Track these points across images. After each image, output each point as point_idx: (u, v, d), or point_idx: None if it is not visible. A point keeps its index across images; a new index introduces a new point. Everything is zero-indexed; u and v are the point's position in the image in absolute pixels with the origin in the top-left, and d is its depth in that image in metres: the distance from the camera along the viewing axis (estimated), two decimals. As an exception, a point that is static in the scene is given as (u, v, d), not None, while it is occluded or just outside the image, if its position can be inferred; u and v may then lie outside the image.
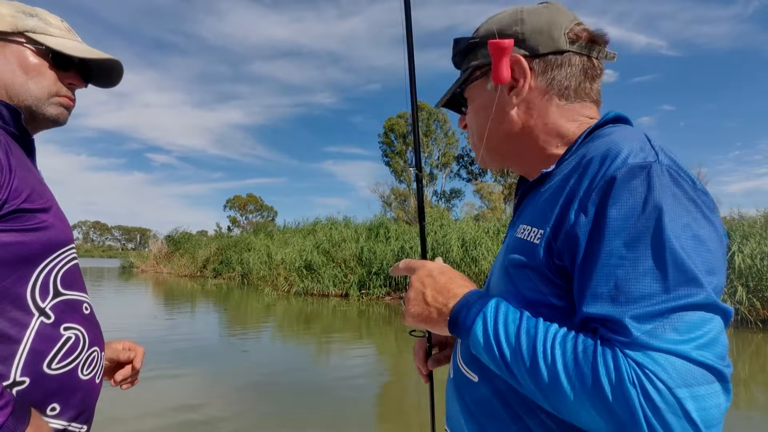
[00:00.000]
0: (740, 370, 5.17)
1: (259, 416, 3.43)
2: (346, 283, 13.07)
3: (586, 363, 0.51)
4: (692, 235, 0.53)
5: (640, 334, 0.49)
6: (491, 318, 0.60)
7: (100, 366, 0.87)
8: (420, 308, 0.69)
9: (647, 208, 0.53)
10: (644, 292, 0.51)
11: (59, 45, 0.87)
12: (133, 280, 20.09)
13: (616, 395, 0.48)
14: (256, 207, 54.96)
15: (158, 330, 7.36)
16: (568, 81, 0.73)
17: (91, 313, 0.87)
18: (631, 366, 0.48)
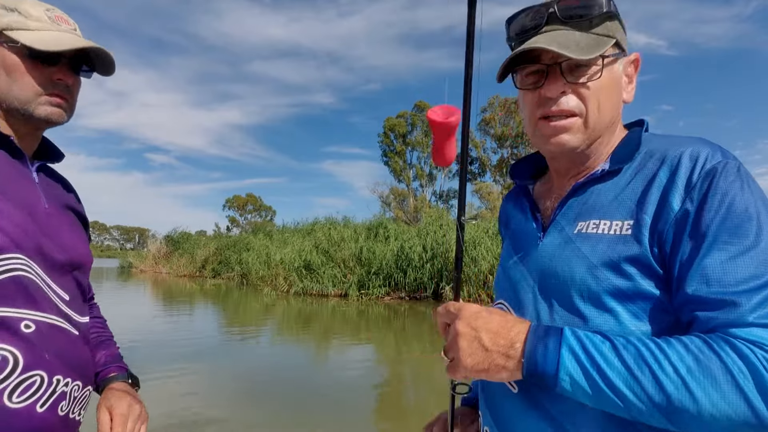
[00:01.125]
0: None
1: (257, 416, 3.42)
2: (346, 283, 13.06)
3: (710, 360, 0.51)
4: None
5: (751, 313, 0.51)
6: (578, 346, 0.57)
7: (50, 394, 0.74)
8: (479, 356, 0.61)
9: (746, 197, 0.58)
10: (752, 273, 0.53)
11: (33, 40, 0.78)
12: (132, 280, 20.06)
13: (749, 379, 0.49)
14: (255, 207, 54.94)
15: (157, 330, 7.35)
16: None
17: (35, 332, 0.73)
18: (749, 348, 0.50)
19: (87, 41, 0.84)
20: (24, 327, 0.72)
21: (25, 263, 0.74)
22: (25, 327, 0.72)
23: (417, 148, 32.52)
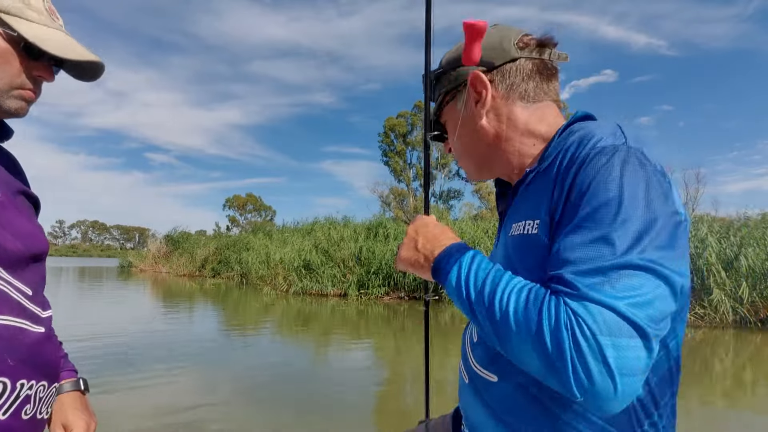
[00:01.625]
0: (741, 372, 5.18)
1: (256, 416, 3.43)
2: (345, 282, 13.06)
3: (534, 308, 0.58)
4: (646, 208, 0.59)
5: (582, 287, 0.56)
6: (466, 265, 0.68)
7: (13, 399, 0.71)
8: (410, 253, 0.78)
9: (609, 182, 0.60)
10: (595, 253, 0.58)
11: (36, 36, 0.74)
12: (132, 280, 20.06)
13: (552, 337, 0.55)
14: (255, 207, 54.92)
15: (156, 330, 7.35)
16: (526, 84, 0.81)
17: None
18: (568, 313, 0.55)
19: (95, 55, 0.81)
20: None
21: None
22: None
23: (417, 148, 32.52)
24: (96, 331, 6.82)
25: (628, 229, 0.58)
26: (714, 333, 7.47)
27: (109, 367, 4.69)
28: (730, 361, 5.60)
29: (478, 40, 0.78)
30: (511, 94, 0.81)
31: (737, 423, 3.55)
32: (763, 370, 5.25)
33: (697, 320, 8.21)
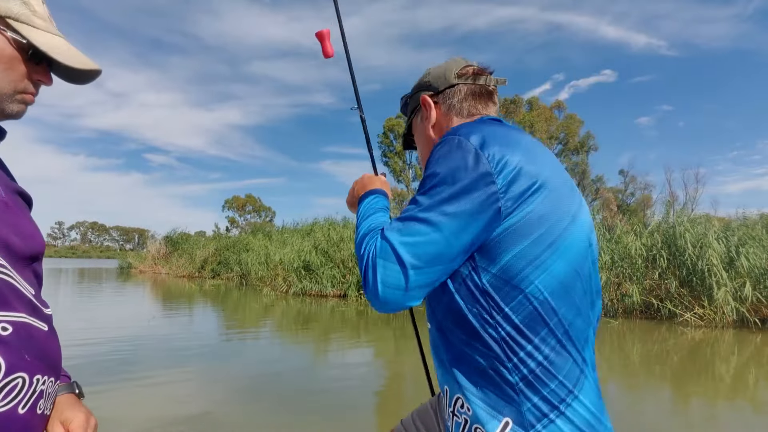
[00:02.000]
0: (741, 371, 5.18)
1: (256, 416, 3.42)
2: (345, 283, 13.06)
3: (367, 236, 0.88)
4: (446, 178, 0.83)
5: (387, 228, 0.84)
6: (368, 201, 1.05)
7: (30, 394, 0.73)
8: (350, 196, 1.17)
9: (432, 160, 0.88)
10: (408, 208, 0.85)
11: (46, 44, 0.76)
12: (131, 281, 20.05)
13: (361, 256, 0.86)
14: (254, 207, 54.92)
15: (156, 331, 7.34)
16: (461, 104, 1.07)
17: (13, 334, 0.71)
18: (375, 241, 0.83)
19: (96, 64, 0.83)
20: (1, 330, 0.70)
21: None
22: (2, 330, 0.70)
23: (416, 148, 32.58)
24: (95, 332, 6.82)
25: (429, 193, 0.84)
26: (714, 333, 7.47)
27: (108, 368, 4.69)
28: (730, 361, 5.60)
29: (325, 40, 1.33)
30: (450, 111, 1.07)
31: (737, 422, 3.55)
32: (764, 369, 5.25)
33: (697, 320, 8.22)
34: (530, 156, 0.85)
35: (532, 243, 0.82)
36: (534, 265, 0.82)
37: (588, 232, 0.91)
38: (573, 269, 0.85)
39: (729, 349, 6.36)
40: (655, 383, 4.67)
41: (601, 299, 1.01)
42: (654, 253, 9.21)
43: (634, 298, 8.72)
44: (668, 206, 11.38)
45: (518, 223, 0.81)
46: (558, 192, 0.85)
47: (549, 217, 0.83)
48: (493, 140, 0.85)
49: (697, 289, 8.52)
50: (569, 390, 0.82)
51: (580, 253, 0.87)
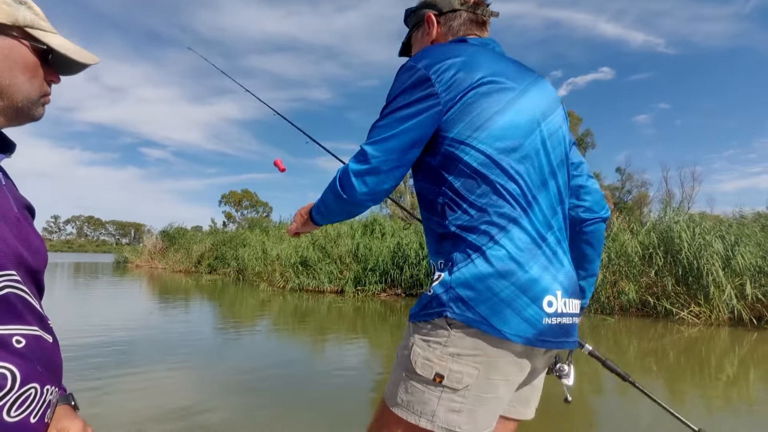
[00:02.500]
0: (735, 369, 5.20)
1: (252, 411, 3.42)
2: (342, 279, 13.05)
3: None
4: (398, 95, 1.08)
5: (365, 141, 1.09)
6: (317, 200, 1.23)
7: (41, 404, 0.75)
8: (297, 221, 1.34)
9: (394, 82, 1.13)
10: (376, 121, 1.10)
11: (61, 46, 0.81)
12: (128, 276, 20.00)
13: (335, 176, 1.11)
14: (251, 203, 54.82)
15: (152, 326, 7.33)
16: (459, 27, 1.24)
17: (26, 346, 0.74)
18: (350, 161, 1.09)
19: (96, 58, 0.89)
20: (15, 342, 0.72)
21: (13, 278, 0.73)
22: (16, 342, 0.72)
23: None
24: (91, 327, 6.80)
25: (386, 105, 1.09)
26: (710, 331, 7.51)
27: (104, 363, 4.67)
28: (725, 359, 5.63)
29: (279, 165, 1.79)
30: (448, 33, 1.25)
31: (731, 419, 3.57)
32: (759, 368, 5.28)
33: (693, 318, 8.25)
34: (469, 63, 1.07)
35: (465, 126, 1.05)
36: (466, 143, 1.05)
37: (536, 117, 1.12)
38: (505, 146, 1.06)
39: (724, 347, 6.39)
40: (650, 380, 4.69)
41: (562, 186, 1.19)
42: (650, 251, 9.24)
43: (630, 295, 8.75)
44: (665, 204, 11.40)
45: (454, 114, 1.05)
46: (493, 86, 1.07)
47: (480, 107, 1.05)
48: (438, 56, 1.08)
49: (693, 287, 8.55)
50: (491, 237, 1.02)
51: (516, 134, 1.07)
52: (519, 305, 0.98)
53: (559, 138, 1.17)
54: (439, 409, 1.01)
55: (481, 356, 0.99)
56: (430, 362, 1.01)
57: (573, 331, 1.09)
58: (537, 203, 1.07)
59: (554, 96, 1.20)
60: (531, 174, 1.07)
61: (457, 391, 1.00)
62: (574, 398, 1.22)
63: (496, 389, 1.02)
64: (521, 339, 0.98)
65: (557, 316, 1.03)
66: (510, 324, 0.97)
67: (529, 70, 1.20)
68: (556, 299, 1.03)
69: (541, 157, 1.10)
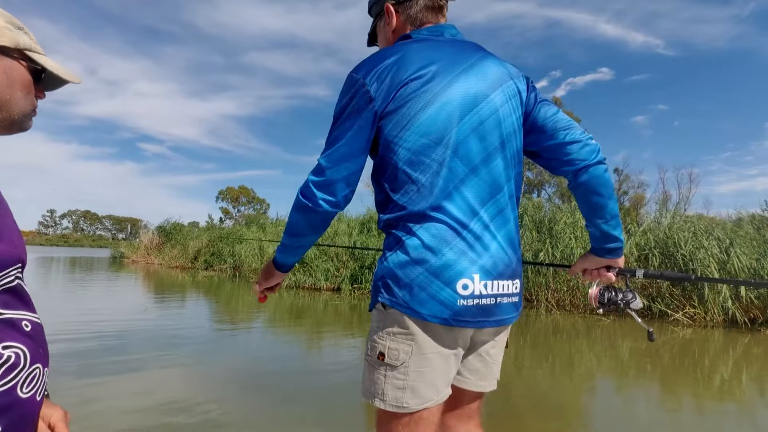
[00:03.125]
0: (731, 370, 5.23)
1: (247, 407, 3.42)
2: (339, 277, 13.05)
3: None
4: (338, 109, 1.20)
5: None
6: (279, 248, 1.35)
7: (42, 383, 0.84)
8: (260, 280, 1.52)
9: (339, 96, 1.23)
10: None
11: (53, 67, 0.92)
12: (124, 271, 19.94)
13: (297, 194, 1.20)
14: (248, 199, 54.73)
15: (148, 321, 7.31)
16: (416, 14, 1.31)
17: (33, 329, 0.82)
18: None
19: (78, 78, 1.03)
20: (24, 326, 0.81)
21: (20, 270, 0.83)
22: (25, 326, 0.81)
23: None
24: (86, 322, 6.77)
25: (334, 116, 1.19)
26: (704, 332, 7.54)
27: (99, 359, 4.66)
28: (719, 360, 5.66)
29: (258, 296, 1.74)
30: (407, 21, 1.32)
31: (724, 420, 3.59)
32: (752, 369, 5.31)
33: (688, 319, 8.29)
34: (399, 63, 1.14)
35: (393, 127, 1.14)
36: (393, 143, 1.15)
37: (467, 103, 1.16)
38: (427, 142, 1.13)
39: (718, 349, 6.42)
40: (644, 381, 4.70)
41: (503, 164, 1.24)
42: (646, 252, 9.26)
43: (626, 296, 8.77)
44: (661, 205, 11.43)
45: (386, 116, 1.14)
46: (419, 81, 1.13)
47: (405, 107, 1.13)
48: (374, 62, 1.16)
49: (687, 289, 8.59)
50: (409, 230, 1.14)
51: (439, 128, 1.13)
52: (433, 289, 1.09)
53: (500, 117, 1.20)
54: (387, 387, 1.15)
55: (411, 334, 1.12)
56: (375, 343, 1.17)
57: (498, 311, 1.16)
58: (459, 192, 1.14)
59: (497, 74, 1.22)
60: (456, 165, 1.14)
61: (397, 368, 1.13)
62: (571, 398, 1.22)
63: (431, 362, 1.13)
64: (437, 320, 1.10)
65: (474, 298, 1.11)
66: (426, 306, 1.09)
67: (471, 52, 1.23)
68: (473, 282, 1.11)
69: (470, 143, 1.16)
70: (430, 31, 1.28)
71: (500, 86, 1.22)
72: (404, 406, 1.13)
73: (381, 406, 1.16)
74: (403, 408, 1.13)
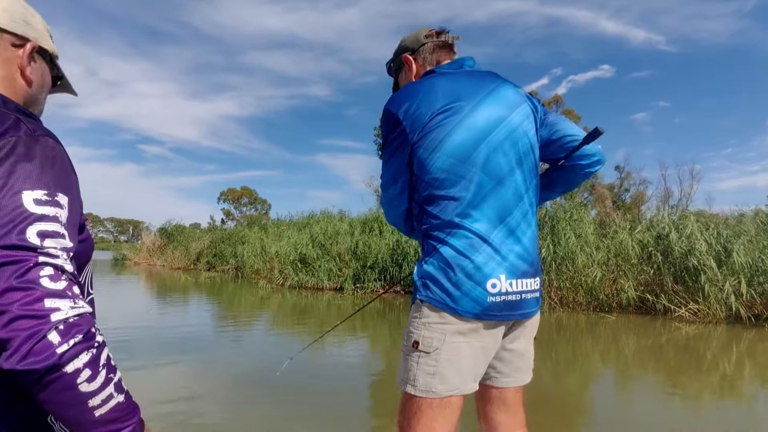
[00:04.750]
0: (735, 366, 5.23)
1: (250, 408, 3.42)
2: (341, 276, 13.05)
3: None
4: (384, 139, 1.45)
5: None
6: None
7: None
8: None
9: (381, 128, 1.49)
10: None
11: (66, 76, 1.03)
12: (126, 273, 19.97)
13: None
14: (249, 200, 54.75)
15: (151, 322, 7.33)
16: (431, 55, 1.53)
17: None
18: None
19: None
20: (90, 303, 0.92)
21: None
22: (90, 303, 0.92)
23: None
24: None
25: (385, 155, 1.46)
26: (708, 329, 7.53)
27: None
28: (722, 356, 5.65)
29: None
30: (425, 63, 1.53)
31: (727, 415, 3.59)
32: (756, 365, 5.30)
33: (692, 316, 8.28)
34: (427, 96, 1.31)
35: (424, 150, 1.31)
36: (426, 164, 1.32)
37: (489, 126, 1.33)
38: (455, 162, 1.29)
39: (721, 345, 6.42)
40: (648, 376, 4.70)
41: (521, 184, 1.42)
42: (649, 249, 9.25)
43: (629, 293, 8.77)
44: (663, 202, 11.40)
45: (419, 142, 1.31)
46: (448, 112, 1.30)
47: (435, 132, 1.30)
48: (403, 97, 1.34)
49: (691, 285, 8.57)
50: (442, 239, 1.30)
51: (464, 150, 1.29)
52: (467, 288, 1.26)
53: (519, 135, 1.38)
54: (418, 373, 1.28)
55: (445, 323, 1.27)
56: (411, 333, 1.32)
57: (522, 305, 1.33)
58: (486, 204, 1.30)
59: (514, 98, 1.41)
60: (482, 180, 1.30)
61: (430, 354, 1.27)
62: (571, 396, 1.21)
63: (460, 351, 1.28)
64: (470, 314, 1.26)
65: (501, 295, 1.27)
66: (461, 303, 1.26)
67: (490, 80, 1.41)
68: (500, 281, 1.28)
69: (494, 160, 1.32)
70: (450, 65, 1.47)
71: (516, 108, 1.40)
72: (433, 391, 1.26)
73: (412, 391, 1.29)
74: (432, 393, 1.26)
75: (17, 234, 0.68)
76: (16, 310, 0.65)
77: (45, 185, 0.74)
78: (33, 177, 0.73)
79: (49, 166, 0.76)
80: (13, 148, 0.73)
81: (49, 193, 0.74)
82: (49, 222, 0.72)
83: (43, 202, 0.72)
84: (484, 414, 1.51)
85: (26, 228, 0.69)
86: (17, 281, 0.66)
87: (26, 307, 0.65)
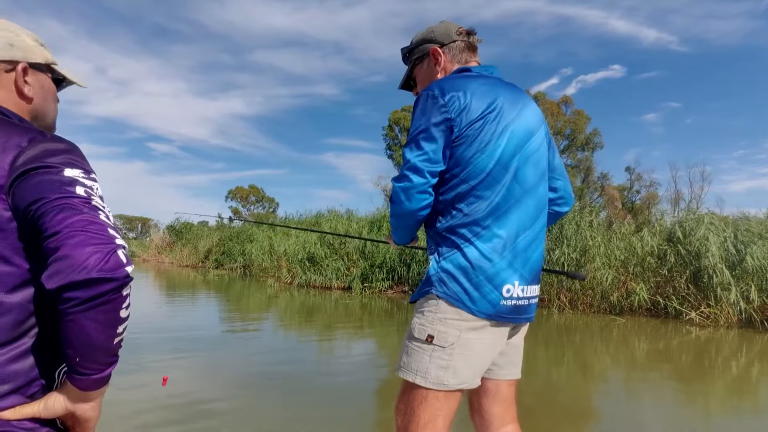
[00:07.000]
0: (748, 371, 5.17)
1: (258, 406, 3.43)
2: (349, 276, 13.07)
3: None
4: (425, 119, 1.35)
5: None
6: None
7: None
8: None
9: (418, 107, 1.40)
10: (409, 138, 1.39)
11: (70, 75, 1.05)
12: (135, 270, 20.05)
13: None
14: (257, 198, 54.95)
15: (160, 319, 7.37)
16: (460, 54, 1.53)
17: None
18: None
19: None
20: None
21: None
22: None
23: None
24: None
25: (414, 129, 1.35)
26: (719, 332, 7.46)
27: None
28: (734, 361, 5.59)
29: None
30: (453, 59, 1.54)
31: (739, 421, 3.55)
32: (767, 370, 5.24)
33: (703, 319, 8.19)
34: (476, 94, 1.33)
35: (467, 148, 1.32)
36: (466, 163, 1.33)
37: (525, 138, 1.39)
38: (495, 166, 1.33)
39: (734, 349, 6.35)
40: (658, 380, 4.66)
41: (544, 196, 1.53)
42: (660, 252, 9.17)
43: (641, 296, 8.70)
44: (673, 204, 11.30)
45: (462, 138, 1.31)
46: (495, 115, 1.34)
47: (482, 133, 1.32)
48: (452, 87, 1.34)
49: (702, 289, 8.48)
50: (468, 239, 1.32)
51: (506, 156, 1.34)
52: (485, 290, 1.30)
53: (542, 153, 1.46)
54: (430, 366, 1.31)
55: (461, 320, 1.31)
56: (424, 326, 1.34)
57: (527, 310, 1.40)
58: (514, 211, 1.34)
59: (539, 115, 1.48)
60: (513, 188, 1.35)
61: (444, 349, 1.31)
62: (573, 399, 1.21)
63: (473, 347, 1.32)
64: (484, 315, 1.31)
65: (513, 299, 1.33)
66: (478, 303, 1.30)
67: (521, 93, 1.46)
68: (514, 287, 1.33)
69: (525, 170, 1.38)
70: (485, 69, 1.50)
71: (541, 125, 1.48)
72: (444, 384, 1.31)
73: (422, 383, 1.32)
74: (443, 386, 1.31)
75: (70, 188, 0.80)
76: (87, 231, 0.74)
77: (82, 167, 0.87)
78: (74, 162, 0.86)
79: (81, 156, 0.89)
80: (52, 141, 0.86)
81: (85, 171, 0.86)
82: (92, 185, 0.86)
83: (84, 177, 0.85)
84: (478, 408, 1.55)
85: (76, 186, 0.81)
86: (81, 215, 0.76)
87: (95, 228, 0.76)
